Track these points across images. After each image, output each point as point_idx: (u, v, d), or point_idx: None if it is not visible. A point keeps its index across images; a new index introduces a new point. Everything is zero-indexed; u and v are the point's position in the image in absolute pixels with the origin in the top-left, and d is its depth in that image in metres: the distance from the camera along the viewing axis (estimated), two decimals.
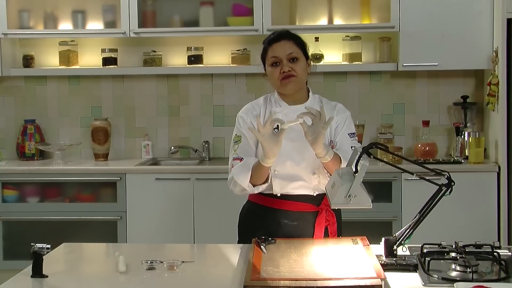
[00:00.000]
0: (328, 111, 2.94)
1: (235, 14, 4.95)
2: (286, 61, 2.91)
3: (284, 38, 2.95)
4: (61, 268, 2.59)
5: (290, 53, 2.91)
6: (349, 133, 3.00)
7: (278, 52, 2.92)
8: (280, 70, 2.91)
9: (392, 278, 2.32)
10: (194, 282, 2.35)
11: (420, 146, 4.86)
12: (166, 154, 5.24)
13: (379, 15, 4.91)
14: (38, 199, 4.86)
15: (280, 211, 2.93)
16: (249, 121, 2.98)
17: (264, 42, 3.00)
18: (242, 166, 2.89)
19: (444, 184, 2.50)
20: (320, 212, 2.93)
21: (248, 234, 2.93)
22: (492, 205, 4.53)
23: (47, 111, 5.31)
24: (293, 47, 2.93)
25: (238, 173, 2.88)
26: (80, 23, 5.10)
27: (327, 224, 2.94)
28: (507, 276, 2.29)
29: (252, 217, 3.01)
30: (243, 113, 3.03)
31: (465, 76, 5.05)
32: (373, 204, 2.51)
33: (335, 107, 3.03)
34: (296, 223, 2.92)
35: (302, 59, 2.94)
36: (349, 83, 5.14)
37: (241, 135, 2.99)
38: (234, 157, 2.96)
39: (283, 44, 2.93)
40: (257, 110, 3.01)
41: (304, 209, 2.93)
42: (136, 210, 4.72)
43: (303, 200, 2.93)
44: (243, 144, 2.97)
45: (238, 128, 3.02)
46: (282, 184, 2.92)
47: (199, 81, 5.22)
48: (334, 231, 2.96)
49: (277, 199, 2.93)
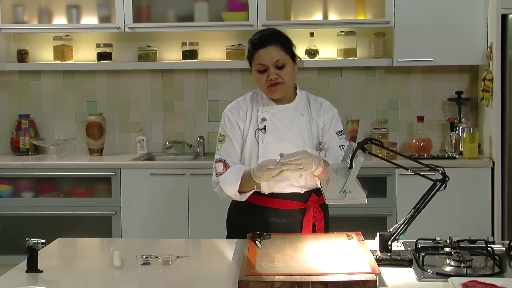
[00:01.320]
0: (315, 110, 2.98)
1: (230, 9, 4.94)
2: (273, 69, 2.87)
3: (270, 43, 2.88)
4: (56, 263, 2.60)
5: (277, 60, 2.87)
6: (337, 132, 2.99)
7: (264, 59, 2.88)
8: (267, 77, 2.88)
9: (386, 273, 2.32)
10: (189, 277, 2.35)
11: (415, 142, 4.87)
12: (161, 149, 5.24)
13: (374, 10, 4.90)
14: (32, 194, 4.85)
15: (268, 209, 2.94)
16: (234, 121, 2.97)
17: (250, 44, 2.95)
18: (231, 175, 2.87)
19: (439, 179, 2.51)
20: (308, 209, 2.94)
21: (237, 230, 2.94)
22: (486, 200, 4.54)
23: (42, 106, 5.30)
24: (280, 52, 2.88)
25: (225, 182, 2.87)
26: (74, 18, 5.08)
27: (315, 220, 2.95)
28: (501, 271, 2.30)
29: (240, 214, 3.01)
30: (229, 112, 3.01)
31: (460, 72, 5.06)
32: (368, 199, 2.52)
33: (322, 105, 3.02)
34: (284, 221, 2.93)
35: (289, 63, 2.91)
36: (343, 78, 5.14)
37: (225, 135, 2.97)
38: (217, 159, 2.96)
39: (269, 50, 2.87)
40: (244, 109, 2.99)
41: (291, 206, 2.94)
42: (131, 205, 4.72)
43: (291, 198, 2.93)
44: (227, 145, 2.96)
45: (223, 127, 3.00)
46: (270, 185, 2.91)
47: (194, 76, 5.21)
48: (322, 227, 2.97)
49: (265, 197, 2.94)
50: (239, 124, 2.96)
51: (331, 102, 3.07)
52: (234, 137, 2.96)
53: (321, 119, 2.97)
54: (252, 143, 2.94)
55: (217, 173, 2.94)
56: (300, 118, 2.96)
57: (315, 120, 2.97)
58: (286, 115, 2.95)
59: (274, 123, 2.94)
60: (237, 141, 2.96)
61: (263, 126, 2.93)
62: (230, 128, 2.97)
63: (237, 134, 2.96)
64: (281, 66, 2.88)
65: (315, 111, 2.98)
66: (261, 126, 2.93)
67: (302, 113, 2.97)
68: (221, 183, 2.88)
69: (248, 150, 2.95)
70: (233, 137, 2.96)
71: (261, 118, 2.94)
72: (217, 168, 2.94)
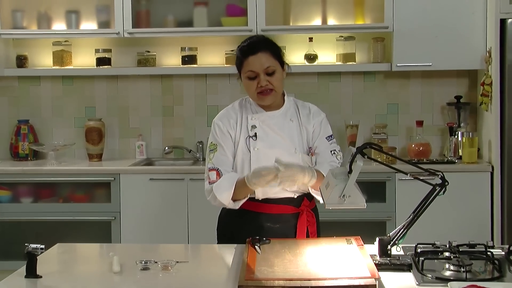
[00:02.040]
0: (305, 116, 2.99)
1: (229, 15, 4.95)
2: (264, 75, 2.87)
3: (260, 50, 2.88)
4: (55, 269, 2.59)
5: (267, 66, 2.87)
6: (327, 137, 2.98)
7: (254, 66, 2.88)
8: (257, 84, 2.88)
9: (386, 278, 2.32)
10: (188, 282, 2.35)
11: (414, 146, 4.87)
12: (160, 155, 5.24)
13: (373, 15, 4.91)
14: (31, 199, 4.85)
15: (262, 214, 2.93)
16: (225, 129, 2.97)
17: (239, 51, 2.95)
18: (225, 183, 2.87)
19: (438, 184, 2.51)
20: (301, 214, 2.94)
21: (227, 236, 2.94)
22: (485, 205, 4.54)
23: (41, 111, 5.30)
24: (270, 59, 2.88)
25: (219, 190, 2.87)
26: (73, 23, 5.09)
27: (308, 224, 2.96)
28: (500, 275, 2.30)
29: (231, 219, 3.00)
30: (219, 120, 3.01)
31: (459, 76, 5.06)
32: (367, 204, 2.52)
33: (310, 111, 3.02)
34: (278, 225, 2.93)
35: (279, 69, 2.91)
36: (343, 83, 5.14)
37: (217, 144, 2.97)
38: (209, 167, 2.95)
39: (259, 57, 2.87)
40: (233, 117, 2.99)
41: (285, 211, 2.94)
42: (130, 210, 4.72)
43: (284, 202, 2.93)
44: (219, 154, 2.95)
45: (214, 136, 3.00)
46: (264, 190, 2.91)
47: (193, 82, 5.22)
48: (314, 231, 2.98)
49: (259, 203, 2.93)
50: (230, 132, 2.97)
51: (330, 107, 3.09)
52: (226, 145, 2.95)
53: (310, 124, 2.98)
54: (243, 150, 2.94)
55: (210, 182, 2.93)
56: (289, 124, 2.97)
57: (305, 125, 2.98)
58: (276, 122, 2.96)
59: (264, 130, 2.94)
60: (229, 149, 2.96)
61: (253, 134, 2.93)
62: (221, 136, 2.97)
63: (229, 142, 2.96)
64: (271, 72, 2.88)
65: (304, 117, 2.99)
66: (252, 133, 2.94)
67: (292, 119, 2.98)
68: (215, 191, 2.88)
69: (240, 158, 2.95)
70: (225, 145, 2.95)
71: (251, 126, 2.95)
72: (210, 177, 2.93)
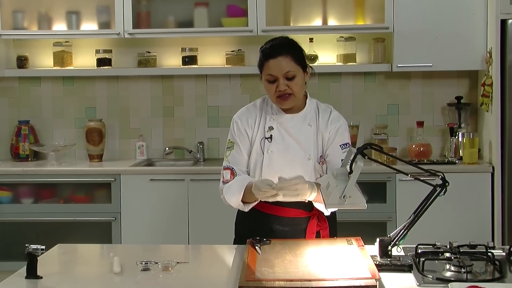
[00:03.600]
0: (324, 122, 2.93)
1: (229, 15, 4.95)
2: (283, 80, 2.82)
3: (281, 54, 2.82)
4: (56, 269, 2.59)
5: (287, 71, 2.82)
6: (342, 144, 2.91)
7: (274, 70, 2.82)
8: (276, 88, 2.84)
9: (386, 278, 2.32)
10: (188, 283, 2.35)
11: (415, 147, 4.87)
12: (161, 155, 5.24)
13: (373, 16, 4.91)
14: (32, 200, 4.85)
15: (273, 216, 2.92)
16: (243, 128, 2.96)
17: (261, 53, 2.90)
18: (235, 186, 2.86)
19: (439, 184, 2.51)
20: (312, 218, 2.92)
21: (243, 235, 2.93)
22: (486, 206, 4.54)
23: (41, 112, 5.30)
24: (290, 63, 2.82)
25: (229, 192, 2.87)
26: (74, 24, 5.09)
27: (319, 229, 2.93)
28: (501, 276, 2.30)
29: (247, 219, 3.00)
30: (238, 118, 2.99)
31: (459, 77, 5.06)
32: (368, 204, 2.52)
33: (329, 117, 2.96)
34: (287, 228, 2.91)
35: (300, 74, 2.85)
36: (343, 84, 5.14)
37: (234, 142, 2.96)
38: (224, 166, 2.95)
39: (279, 61, 2.81)
40: (253, 116, 2.97)
41: (296, 215, 2.92)
42: (130, 211, 4.72)
43: (296, 206, 2.91)
44: (235, 152, 2.95)
45: (231, 133, 2.99)
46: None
47: (193, 82, 5.22)
48: (327, 235, 2.94)
49: (271, 205, 2.91)
50: (247, 131, 2.95)
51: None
52: (242, 143, 2.94)
53: (327, 131, 2.93)
54: (257, 151, 2.93)
55: (224, 181, 2.93)
56: (307, 128, 2.93)
57: (322, 131, 2.93)
58: (294, 125, 2.92)
59: (281, 132, 2.92)
60: (245, 148, 2.95)
61: (269, 135, 2.91)
62: (238, 134, 2.96)
63: (245, 141, 2.95)
64: (291, 77, 2.83)
65: (323, 122, 2.93)
66: (268, 135, 2.91)
67: (310, 123, 2.93)
68: (225, 193, 2.88)
69: (254, 159, 2.93)
70: (241, 144, 2.94)
71: (269, 127, 2.93)
72: (224, 176, 2.93)
